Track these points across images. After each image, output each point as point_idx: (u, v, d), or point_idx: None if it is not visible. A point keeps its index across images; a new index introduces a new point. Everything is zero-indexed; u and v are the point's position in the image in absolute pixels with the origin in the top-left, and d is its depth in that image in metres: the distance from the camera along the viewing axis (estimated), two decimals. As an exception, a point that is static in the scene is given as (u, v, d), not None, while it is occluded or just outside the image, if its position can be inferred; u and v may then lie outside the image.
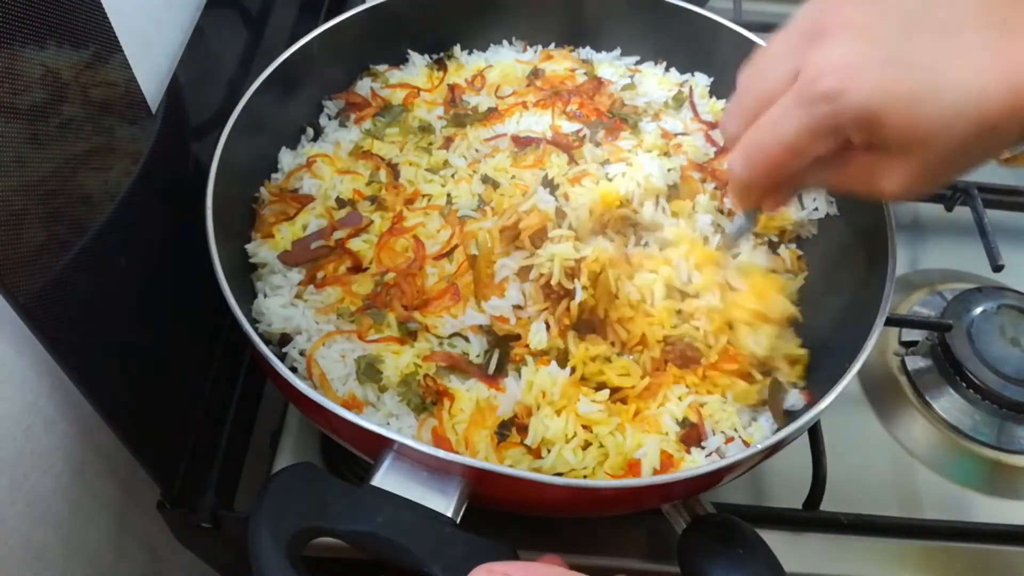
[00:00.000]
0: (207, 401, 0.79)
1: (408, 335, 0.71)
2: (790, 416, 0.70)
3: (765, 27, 1.12)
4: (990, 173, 1.08)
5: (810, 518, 0.77)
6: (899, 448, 0.86)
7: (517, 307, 0.70)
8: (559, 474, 0.64)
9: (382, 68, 0.94)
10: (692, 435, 0.68)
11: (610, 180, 0.77)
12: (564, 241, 0.70)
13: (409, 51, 0.95)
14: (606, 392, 0.68)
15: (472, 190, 0.80)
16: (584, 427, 0.66)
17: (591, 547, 0.75)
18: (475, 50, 0.97)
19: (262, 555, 0.51)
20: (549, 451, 0.65)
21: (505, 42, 0.98)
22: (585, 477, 0.65)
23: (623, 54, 0.98)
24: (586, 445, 0.66)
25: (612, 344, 0.71)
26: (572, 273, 0.70)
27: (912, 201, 0.64)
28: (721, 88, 0.94)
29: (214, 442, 0.77)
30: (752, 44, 0.88)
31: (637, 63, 0.97)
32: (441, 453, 0.57)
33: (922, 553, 0.77)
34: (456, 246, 0.75)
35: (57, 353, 0.55)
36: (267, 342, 0.70)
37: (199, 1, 0.78)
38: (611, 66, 0.96)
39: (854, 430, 0.87)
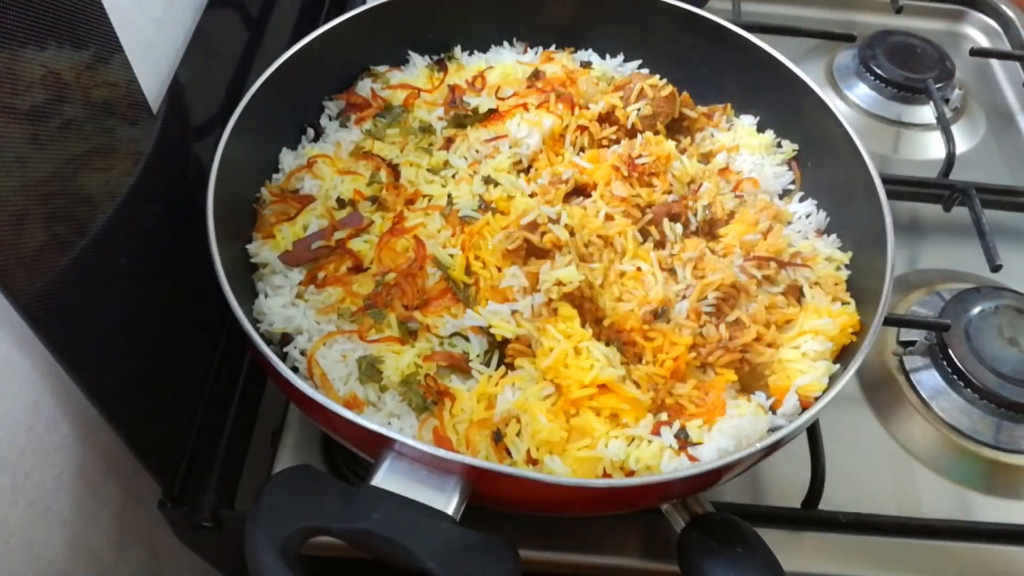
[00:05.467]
0: (208, 401, 0.79)
1: (409, 335, 0.71)
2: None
3: (763, 28, 1.13)
4: (989, 174, 1.09)
5: (809, 517, 0.77)
6: (898, 447, 0.86)
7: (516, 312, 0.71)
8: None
9: (383, 69, 0.94)
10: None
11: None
12: (568, 265, 0.71)
13: (410, 52, 0.95)
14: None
15: (473, 191, 0.81)
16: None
17: (591, 546, 0.75)
18: (475, 51, 0.98)
19: (258, 555, 0.51)
20: (548, 455, 0.65)
21: (506, 43, 0.98)
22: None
23: (623, 55, 0.98)
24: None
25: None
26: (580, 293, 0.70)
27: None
28: (721, 89, 0.94)
29: (215, 442, 0.77)
30: (751, 45, 0.88)
31: (640, 67, 0.97)
32: (441, 452, 0.57)
33: (921, 552, 0.78)
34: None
35: (58, 353, 0.55)
36: (268, 342, 0.70)
37: (200, 2, 0.79)
38: (614, 71, 0.96)
39: (853, 430, 0.87)
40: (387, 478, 0.57)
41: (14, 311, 0.51)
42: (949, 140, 1.07)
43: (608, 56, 0.98)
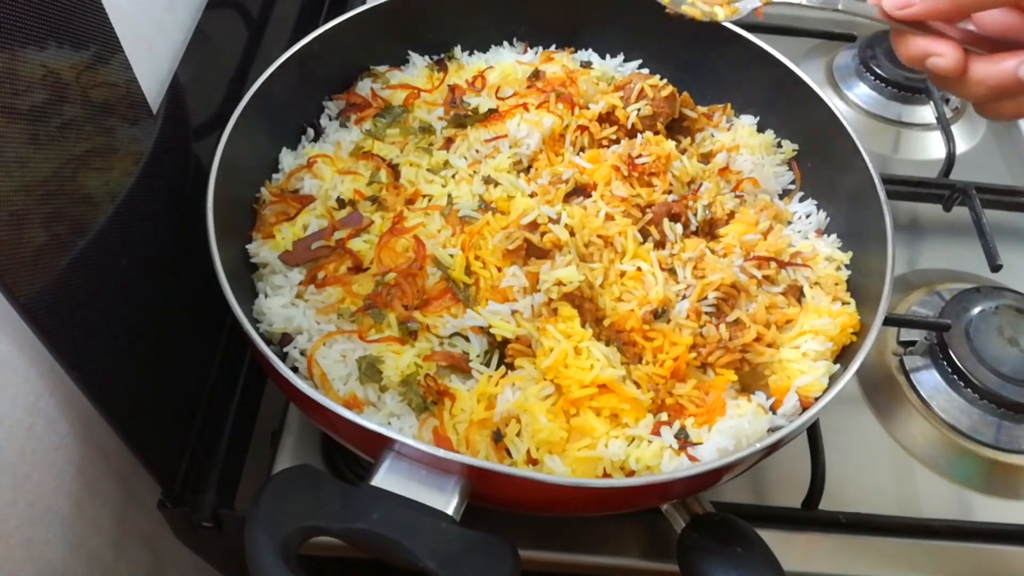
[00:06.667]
0: (208, 400, 0.79)
1: (408, 335, 0.71)
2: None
3: (763, 28, 1.13)
4: (989, 174, 1.09)
5: (809, 517, 0.77)
6: (898, 447, 0.86)
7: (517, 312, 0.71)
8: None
9: (382, 69, 0.94)
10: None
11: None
12: (568, 265, 0.71)
13: (409, 52, 0.95)
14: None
15: (473, 191, 0.81)
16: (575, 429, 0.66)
17: (591, 546, 0.75)
18: (475, 51, 0.98)
19: (258, 554, 0.51)
20: (548, 455, 0.65)
21: (506, 43, 0.98)
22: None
23: (623, 55, 0.98)
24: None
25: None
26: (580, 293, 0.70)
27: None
28: (721, 89, 0.94)
29: (215, 441, 0.77)
30: (751, 45, 0.88)
31: (640, 67, 0.97)
32: (440, 452, 0.57)
33: (921, 552, 0.78)
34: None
35: (58, 353, 0.55)
36: (268, 342, 0.70)
37: (200, 2, 0.79)
38: (614, 71, 0.96)
39: (853, 429, 0.87)
40: (387, 478, 0.57)
41: (14, 311, 0.51)
42: (949, 140, 1.07)
43: (608, 56, 0.98)
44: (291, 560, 0.51)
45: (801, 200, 0.88)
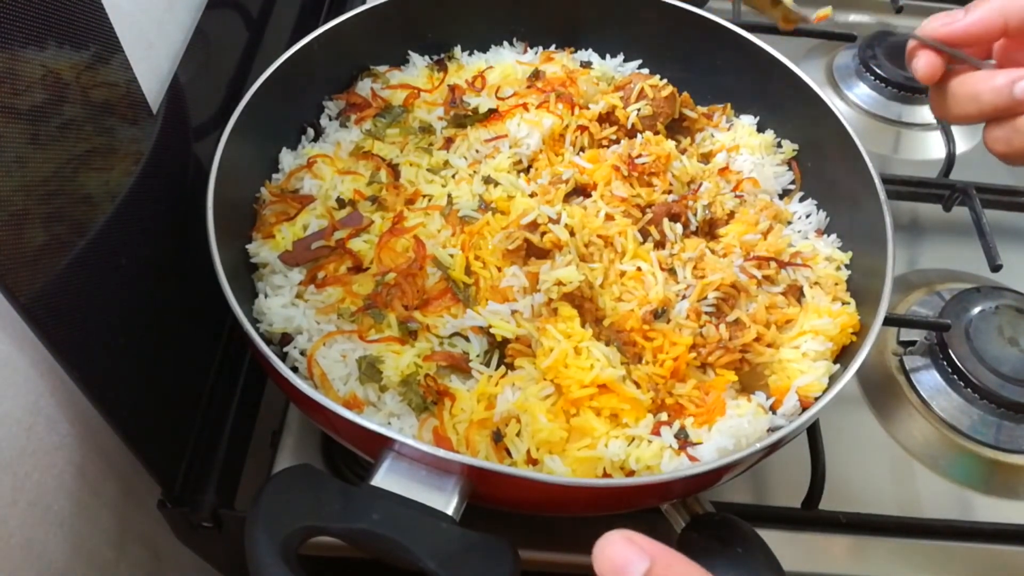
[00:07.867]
0: (208, 400, 0.79)
1: (408, 335, 0.71)
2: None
3: (763, 28, 1.13)
4: (989, 174, 1.09)
5: (809, 517, 0.77)
6: (898, 447, 0.86)
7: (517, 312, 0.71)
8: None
9: (382, 69, 0.94)
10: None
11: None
12: (568, 265, 0.71)
13: (409, 52, 0.96)
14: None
15: (473, 191, 0.81)
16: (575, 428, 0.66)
17: (591, 546, 0.75)
18: (475, 51, 0.98)
19: (258, 554, 0.51)
20: (548, 455, 0.65)
21: (506, 43, 0.98)
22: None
23: (623, 55, 0.98)
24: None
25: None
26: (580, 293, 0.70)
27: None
28: (721, 89, 0.94)
29: (215, 441, 0.77)
30: (751, 45, 0.88)
31: (640, 67, 0.97)
32: (440, 452, 0.57)
33: (920, 552, 0.78)
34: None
35: (58, 353, 0.55)
36: (268, 342, 0.70)
37: (200, 2, 0.79)
38: (614, 71, 0.96)
39: (853, 429, 0.87)
40: (387, 478, 0.57)
41: (14, 311, 0.51)
42: (949, 140, 1.07)
43: (608, 56, 0.98)
44: (291, 560, 0.51)
45: (801, 200, 0.88)
